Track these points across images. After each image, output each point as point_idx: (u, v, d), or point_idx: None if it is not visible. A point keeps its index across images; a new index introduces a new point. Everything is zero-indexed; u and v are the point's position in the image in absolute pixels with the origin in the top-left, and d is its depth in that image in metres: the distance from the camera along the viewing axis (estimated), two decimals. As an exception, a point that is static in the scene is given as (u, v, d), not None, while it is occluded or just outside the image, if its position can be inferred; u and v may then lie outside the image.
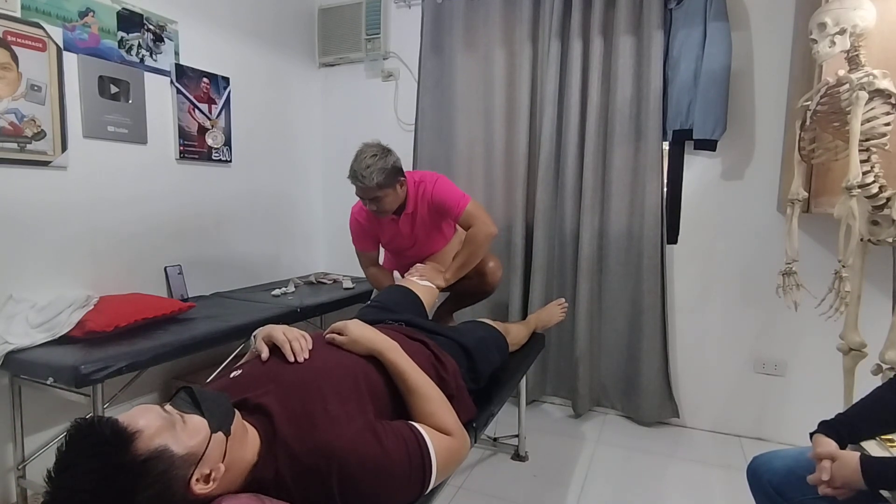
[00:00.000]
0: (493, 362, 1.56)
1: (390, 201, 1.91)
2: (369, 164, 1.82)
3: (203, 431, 0.80)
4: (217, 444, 0.81)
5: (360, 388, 1.04)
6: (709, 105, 2.24)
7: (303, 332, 1.14)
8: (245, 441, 0.88)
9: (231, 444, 0.83)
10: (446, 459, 1.02)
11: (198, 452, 0.78)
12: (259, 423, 0.93)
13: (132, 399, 2.11)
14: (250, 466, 0.88)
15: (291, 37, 2.99)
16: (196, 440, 0.78)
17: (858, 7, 1.49)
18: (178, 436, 0.77)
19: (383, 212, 1.94)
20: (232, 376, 1.06)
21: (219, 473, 0.80)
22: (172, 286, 2.30)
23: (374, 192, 1.86)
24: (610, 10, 2.43)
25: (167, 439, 0.75)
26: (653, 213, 2.41)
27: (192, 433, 0.78)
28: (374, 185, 1.83)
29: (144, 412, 0.77)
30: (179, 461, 0.75)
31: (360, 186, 1.86)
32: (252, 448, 0.89)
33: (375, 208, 1.91)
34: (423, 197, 2.00)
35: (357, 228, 2.12)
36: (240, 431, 0.87)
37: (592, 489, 2.00)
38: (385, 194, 1.88)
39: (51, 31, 1.85)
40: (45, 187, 1.87)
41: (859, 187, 1.48)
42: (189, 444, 0.77)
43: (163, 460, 0.73)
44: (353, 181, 1.86)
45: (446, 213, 2.00)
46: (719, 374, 2.48)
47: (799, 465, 1.14)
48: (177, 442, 0.76)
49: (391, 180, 1.87)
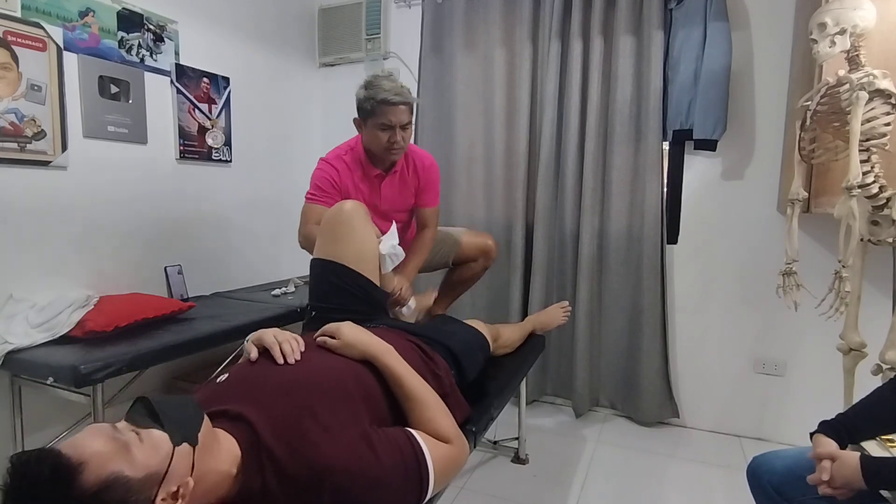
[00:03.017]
0: (478, 367, 1.53)
1: (409, 134, 1.76)
2: (402, 84, 1.68)
3: (164, 447, 0.73)
4: (182, 458, 0.75)
5: (353, 393, 1.00)
6: (709, 105, 2.24)
7: (294, 335, 1.10)
8: (217, 450, 0.82)
9: (200, 454, 0.77)
10: (444, 467, 0.99)
11: (160, 471, 0.71)
12: (239, 432, 0.87)
13: (132, 399, 2.11)
14: (230, 478, 0.83)
15: (291, 37, 3.00)
16: (156, 459, 0.72)
17: (858, 7, 1.49)
18: (133, 458, 0.70)
19: (400, 149, 1.75)
20: (218, 381, 1.02)
21: (187, 489, 0.75)
22: (172, 286, 2.30)
23: (407, 117, 1.69)
24: (610, 10, 2.43)
25: (120, 464, 0.68)
26: (653, 213, 2.41)
27: (151, 452, 0.72)
28: (412, 101, 1.69)
29: (92, 438, 0.70)
30: (138, 485, 0.69)
31: (399, 105, 1.66)
32: (227, 457, 0.84)
33: (400, 139, 1.71)
34: (415, 161, 1.89)
35: (329, 178, 1.79)
36: (209, 440, 0.81)
37: (592, 489, 2.00)
38: (411, 121, 1.73)
39: (51, 30, 1.85)
40: (45, 187, 1.87)
41: (859, 187, 1.48)
42: (148, 465, 0.71)
43: (117, 489, 0.67)
44: (388, 102, 1.65)
45: (426, 191, 1.91)
46: (719, 374, 2.48)
47: (799, 465, 1.14)
48: (131, 465, 0.69)
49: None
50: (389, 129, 1.70)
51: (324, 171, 1.82)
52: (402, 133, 1.72)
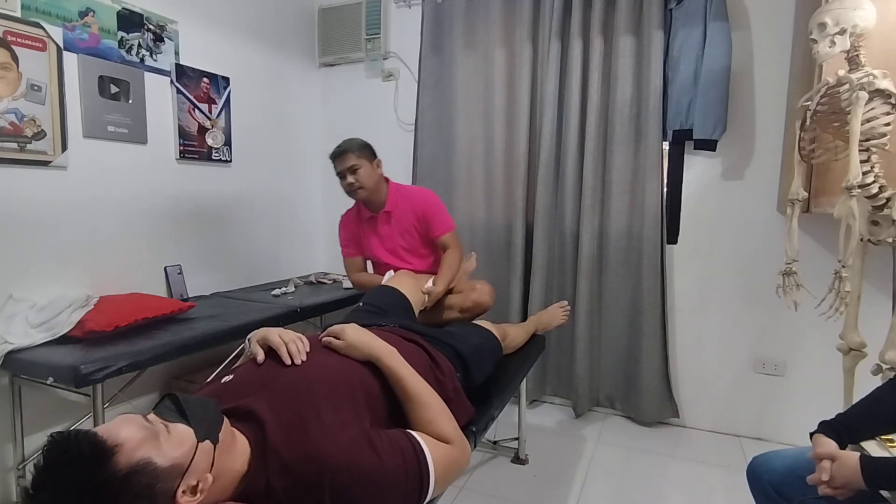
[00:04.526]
0: (487, 371, 1.54)
1: (366, 174, 2.04)
2: (347, 139, 2.08)
3: (189, 441, 0.77)
4: (204, 454, 0.78)
5: (357, 394, 1.01)
6: (709, 105, 2.24)
7: (299, 335, 1.11)
8: (234, 449, 0.85)
9: (219, 452, 0.80)
10: (445, 469, 0.99)
11: (183, 463, 0.75)
12: (249, 431, 0.90)
13: (132, 399, 2.11)
14: (240, 475, 0.86)
15: (291, 37, 3.00)
16: (181, 451, 0.75)
17: (858, 7, 1.49)
18: (161, 447, 0.74)
19: (360, 188, 2.04)
20: (223, 381, 1.03)
21: (206, 484, 0.77)
22: (172, 286, 2.30)
23: (352, 161, 2.02)
24: (610, 10, 2.43)
25: (150, 451, 0.72)
26: (653, 213, 2.41)
27: (177, 443, 0.75)
28: (353, 149, 2.02)
29: (125, 423, 0.74)
30: (164, 474, 0.72)
31: (339, 155, 2.04)
32: (241, 456, 0.86)
33: (353, 181, 2.02)
34: (406, 199, 2.13)
35: (344, 233, 2.22)
36: (228, 439, 0.84)
37: (592, 489, 2.00)
38: (361, 164, 2.03)
39: (51, 30, 1.85)
40: (44, 187, 1.87)
41: (859, 187, 1.48)
42: (174, 456, 0.74)
43: (146, 474, 0.71)
44: (334, 157, 2.06)
45: (431, 223, 2.10)
46: (719, 373, 2.48)
47: (799, 465, 1.14)
48: (160, 454, 0.73)
49: (366, 152, 2.06)
50: (342, 176, 2.05)
51: (340, 228, 2.24)
52: (352, 175, 2.03)
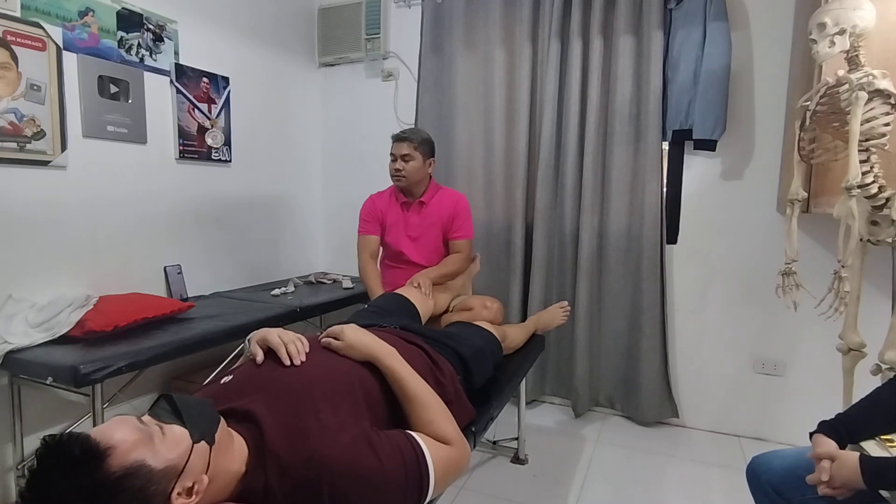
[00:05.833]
0: (488, 373, 1.54)
1: (414, 168, 2.10)
2: (415, 128, 2.16)
3: (184, 442, 0.76)
4: (200, 455, 0.77)
5: (356, 395, 1.00)
6: (708, 105, 2.24)
7: (299, 335, 1.11)
8: (231, 450, 0.85)
9: (215, 454, 0.80)
10: (445, 470, 0.99)
11: (178, 465, 0.74)
12: (247, 432, 0.89)
13: (132, 399, 2.11)
14: (238, 477, 0.85)
15: (291, 37, 2.99)
16: (176, 452, 0.74)
17: (858, 7, 1.49)
18: (156, 449, 0.73)
19: (403, 176, 2.10)
20: (223, 382, 1.03)
21: (202, 486, 0.77)
22: (172, 286, 2.30)
23: (407, 150, 2.08)
24: (610, 10, 2.43)
25: (144, 454, 0.71)
26: (652, 213, 2.41)
27: (172, 445, 0.75)
28: (413, 140, 2.08)
29: (119, 425, 0.73)
30: (158, 476, 0.72)
31: (398, 140, 2.10)
32: (239, 457, 0.86)
33: (401, 167, 2.09)
34: (442, 196, 2.19)
35: (368, 208, 2.23)
36: (225, 440, 0.83)
37: (592, 489, 2.00)
38: (414, 157, 2.09)
39: (50, 30, 1.85)
40: (44, 187, 1.86)
41: (859, 187, 1.47)
42: (168, 458, 0.73)
43: (139, 476, 0.70)
44: (394, 139, 2.12)
45: (455, 223, 2.16)
46: (719, 374, 2.48)
47: (798, 465, 1.14)
48: (155, 456, 0.72)
49: (426, 148, 2.13)
50: (393, 158, 2.12)
51: (366, 204, 2.25)
52: (403, 162, 2.09)
